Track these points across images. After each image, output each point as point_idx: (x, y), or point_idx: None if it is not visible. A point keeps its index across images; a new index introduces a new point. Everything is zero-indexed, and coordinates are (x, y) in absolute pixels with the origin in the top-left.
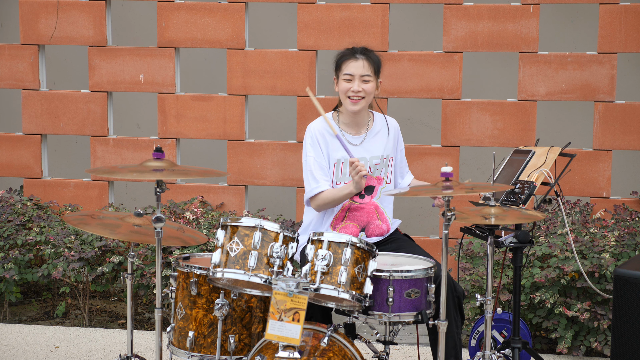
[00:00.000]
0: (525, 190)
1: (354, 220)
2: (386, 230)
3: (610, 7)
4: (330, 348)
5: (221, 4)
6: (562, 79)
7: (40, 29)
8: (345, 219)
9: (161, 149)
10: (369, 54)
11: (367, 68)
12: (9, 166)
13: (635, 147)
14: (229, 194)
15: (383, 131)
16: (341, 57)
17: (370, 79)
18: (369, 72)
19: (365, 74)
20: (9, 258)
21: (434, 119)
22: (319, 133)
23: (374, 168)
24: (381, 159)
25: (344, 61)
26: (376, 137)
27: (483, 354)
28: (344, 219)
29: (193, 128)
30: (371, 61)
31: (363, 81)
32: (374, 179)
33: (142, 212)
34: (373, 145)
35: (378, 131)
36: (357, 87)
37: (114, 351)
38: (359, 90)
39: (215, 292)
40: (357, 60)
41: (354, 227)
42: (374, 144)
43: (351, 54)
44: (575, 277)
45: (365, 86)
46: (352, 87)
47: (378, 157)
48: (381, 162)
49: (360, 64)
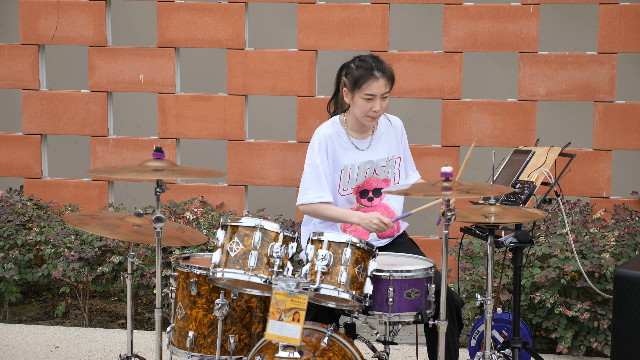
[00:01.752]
0: (525, 190)
1: None
2: (397, 230)
3: (610, 7)
4: (330, 348)
5: (221, 4)
6: (562, 79)
7: (40, 29)
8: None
9: (161, 149)
10: (384, 68)
11: (387, 85)
12: (9, 166)
13: (635, 147)
14: (229, 194)
15: (388, 132)
16: (360, 77)
17: (388, 95)
18: (388, 89)
19: (385, 92)
20: (9, 258)
21: (434, 119)
22: (328, 138)
23: (380, 170)
24: (387, 160)
25: (365, 82)
26: (381, 138)
27: (483, 354)
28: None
29: (193, 128)
30: (388, 76)
31: (382, 99)
32: (381, 181)
33: (142, 212)
34: (379, 147)
35: (383, 132)
36: (378, 107)
37: (114, 351)
38: (379, 109)
39: (215, 292)
40: (378, 80)
41: (364, 229)
42: (380, 146)
43: (370, 74)
44: (575, 277)
45: (384, 103)
46: (373, 107)
47: (384, 159)
48: (387, 163)
49: (381, 84)
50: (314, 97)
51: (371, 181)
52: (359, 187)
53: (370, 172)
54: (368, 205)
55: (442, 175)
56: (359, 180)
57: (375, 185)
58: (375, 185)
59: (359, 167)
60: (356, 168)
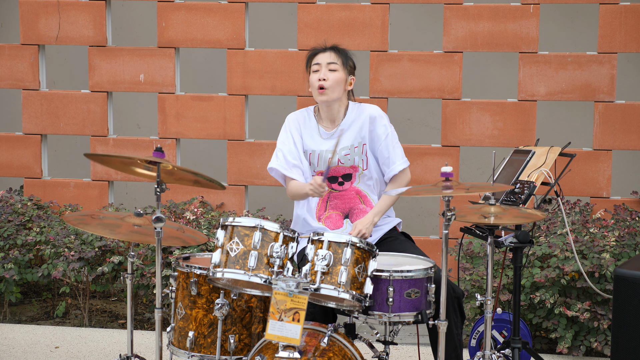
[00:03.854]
0: (525, 190)
1: (335, 208)
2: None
3: (610, 7)
4: (330, 348)
5: (221, 4)
6: (562, 79)
7: (40, 29)
8: (327, 209)
9: (161, 149)
10: (337, 47)
11: (334, 57)
12: (9, 166)
13: (635, 147)
14: (229, 194)
15: (356, 120)
16: (310, 54)
17: (338, 68)
18: (335, 60)
19: (331, 61)
20: (9, 258)
21: (434, 119)
22: (295, 121)
23: (344, 159)
24: (351, 148)
25: (313, 56)
26: (350, 128)
27: (483, 354)
28: (326, 209)
29: (193, 128)
30: (339, 52)
31: (330, 70)
32: (348, 168)
33: (142, 212)
34: (344, 137)
35: (352, 122)
36: (322, 75)
37: (114, 351)
38: (325, 78)
39: (215, 292)
40: (325, 52)
41: (337, 215)
42: (346, 136)
43: (318, 49)
44: (575, 277)
45: (332, 75)
46: (319, 76)
47: (347, 147)
48: (351, 151)
49: (327, 54)
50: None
51: (338, 169)
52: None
53: (334, 161)
54: (339, 190)
55: (442, 175)
56: (320, 166)
57: (343, 172)
58: (343, 172)
59: (320, 154)
60: (316, 155)
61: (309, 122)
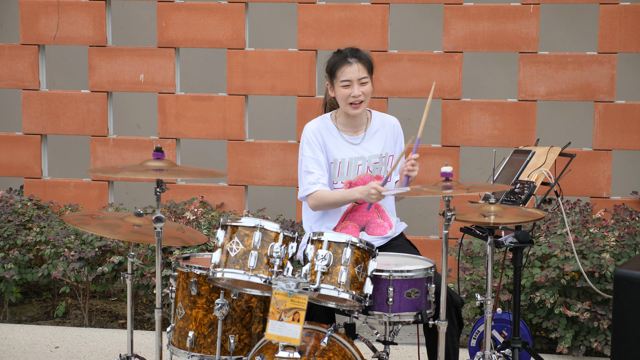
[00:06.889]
0: (525, 190)
1: (353, 220)
2: (389, 227)
3: (610, 7)
4: (330, 348)
5: (221, 4)
6: (562, 79)
7: (40, 29)
8: (345, 220)
9: (161, 149)
10: (359, 55)
11: (363, 70)
12: (9, 166)
13: (635, 147)
14: (229, 194)
15: (382, 129)
16: (334, 64)
17: (367, 80)
18: (365, 74)
19: (362, 77)
20: (9, 258)
21: (434, 119)
22: (317, 132)
23: (372, 167)
24: (380, 157)
25: (338, 68)
26: (375, 135)
27: (483, 354)
28: (344, 220)
29: (193, 128)
30: (364, 62)
31: (361, 84)
32: (374, 178)
33: (142, 212)
34: (372, 144)
35: (377, 130)
36: (357, 92)
37: (114, 351)
38: (359, 94)
39: (215, 292)
40: (352, 65)
41: (354, 227)
42: (372, 143)
43: (343, 59)
44: (575, 277)
45: (364, 89)
46: (351, 92)
47: (377, 156)
48: (380, 160)
49: (355, 68)
50: (314, 97)
51: (365, 178)
52: (351, 183)
53: (363, 169)
54: (361, 202)
55: (442, 175)
56: (350, 175)
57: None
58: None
59: (350, 162)
60: (346, 163)
61: (331, 131)
